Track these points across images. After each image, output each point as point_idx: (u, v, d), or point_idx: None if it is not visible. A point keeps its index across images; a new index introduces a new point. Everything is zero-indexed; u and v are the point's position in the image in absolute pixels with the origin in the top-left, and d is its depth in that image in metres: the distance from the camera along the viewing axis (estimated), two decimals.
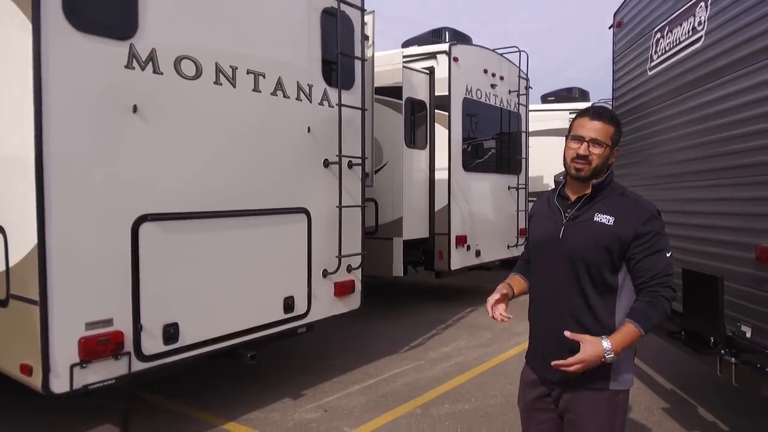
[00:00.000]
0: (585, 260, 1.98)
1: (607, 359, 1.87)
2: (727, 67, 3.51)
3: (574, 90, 13.28)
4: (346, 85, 4.68)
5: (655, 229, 1.95)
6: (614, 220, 1.96)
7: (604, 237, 1.95)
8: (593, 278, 1.97)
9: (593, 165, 1.99)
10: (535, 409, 2.17)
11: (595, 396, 1.99)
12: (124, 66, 3.18)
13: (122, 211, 3.20)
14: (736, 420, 3.99)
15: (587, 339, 1.89)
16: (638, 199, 2.05)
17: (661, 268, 1.93)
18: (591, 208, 2.02)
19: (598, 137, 1.98)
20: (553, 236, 2.05)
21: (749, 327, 3.19)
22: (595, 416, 2.00)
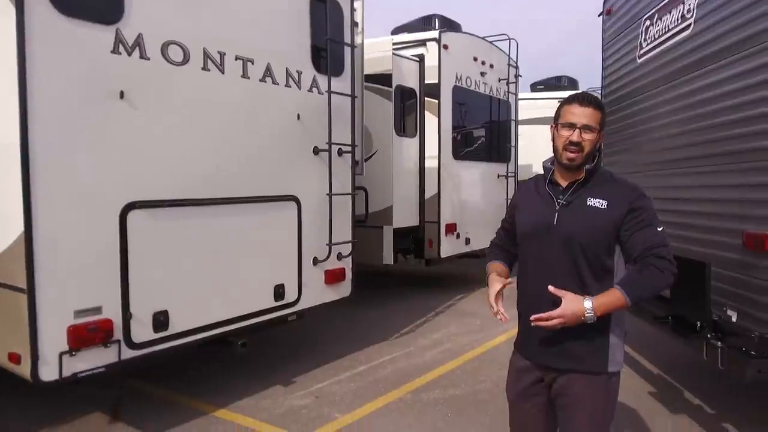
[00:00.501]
0: (581, 245, 1.98)
1: (587, 318, 1.87)
2: (715, 54, 3.53)
3: (563, 78, 13.31)
4: (335, 71, 4.64)
5: (646, 205, 1.98)
6: (607, 203, 1.98)
7: (599, 221, 1.97)
8: (590, 262, 1.98)
9: (586, 151, 1.99)
10: (527, 395, 2.17)
11: (591, 379, 2.00)
12: (110, 51, 3.13)
13: (110, 199, 3.16)
14: (722, 402, 4.06)
15: (569, 295, 1.90)
16: (626, 181, 2.09)
17: (655, 240, 1.92)
18: (583, 193, 2.03)
19: (590, 123, 1.99)
20: (547, 223, 2.04)
21: (735, 311, 3.25)
22: (590, 399, 2.01)
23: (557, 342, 2.01)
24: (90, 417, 3.85)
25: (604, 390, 2.02)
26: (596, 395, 2.01)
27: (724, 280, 3.34)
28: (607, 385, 2.03)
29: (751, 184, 3.16)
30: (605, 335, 2.00)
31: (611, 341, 2.00)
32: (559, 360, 2.03)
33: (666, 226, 4.19)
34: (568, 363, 2.01)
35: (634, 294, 1.88)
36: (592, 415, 2.02)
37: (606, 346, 1.99)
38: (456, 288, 8.26)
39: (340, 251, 4.80)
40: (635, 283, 1.90)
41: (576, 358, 1.99)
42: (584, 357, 1.99)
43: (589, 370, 2.00)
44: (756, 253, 3.07)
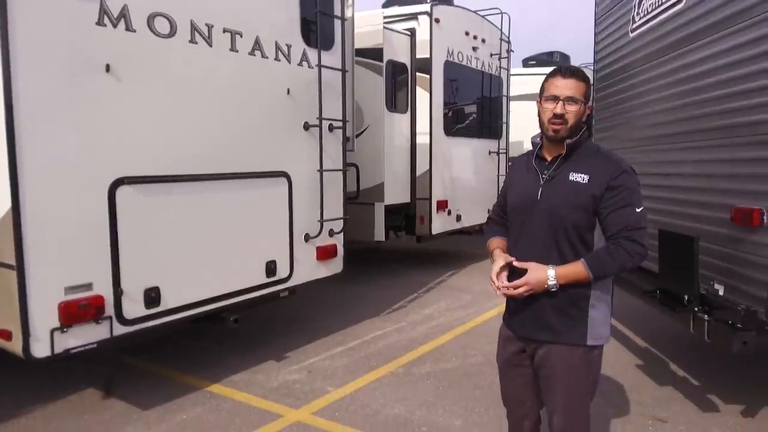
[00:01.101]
0: (562, 219, 2.00)
1: (550, 286, 1.93)
2: (707, 28, 3.52)
3: (555, 54, 13.22)
4: (325, 45, 4.58)
5: (626, 183, 1.96)
6: (588, 177, 1.98)
7: (579, 196, 1.98)
8: (570, 237, 2.00)
9: (570, 123, 2.00)
10: (512, 364, 2.24)
11: (571, 351, 2.04)
12: (95, 23, 3.06)
13: (98, 174, 3.12)
14: (707, 374, 4.15)
15: (532, 265, 1.96)
16: (612, 155, 2.07)
17: (629, 221, 1.93)
18: (567, 168, 2.03)
19: (574, 94, 1.99)
20: (532, 197, 2.07)
21: (722, 285, 3.30)
22: (569, 371, 2.05)
23: (537, 315, 2.06)
24: (84, 393, 3.87)
25: (584, 362, 2.05)
26: (575, 367, 2.05)
27: (712, 255, 3.38)
28: (587, 357, 2.05)
29: (741, 159, 3.18)
30: (584, 309, 2.02)
31: (591, 315, 2.03)
32: (539, 332, 2.07)
33: (655, 200, 4.25)
34: (546, 335, 2.06)
35: (597, 270, 1.92)
36: (571, 386, 2.06)
37: (585, 320, 2.02)
38: (447, 264, 8.31)
39: (332, 228, 4.80)
40: (601, 260, 1.93)
41: (554, 330, 2.03)
42: (562, 329, 2.02)
43: (567, 342, 2.03)
44: (744, 227, 3.10)
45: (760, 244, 2.98)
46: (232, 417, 3.53)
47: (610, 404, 3.69)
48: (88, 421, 3.47)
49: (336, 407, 3.68)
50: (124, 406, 3.68)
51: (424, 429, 3.40)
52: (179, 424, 3.44)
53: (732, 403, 3.69)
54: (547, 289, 1.94)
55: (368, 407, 3.67)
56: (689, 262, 3.29)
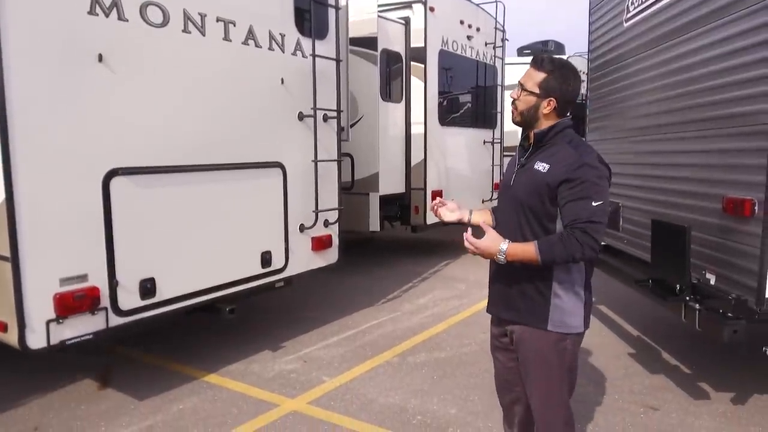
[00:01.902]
0: (524, 206, 2.08)
1: (498, 258, 1.98)
2: (701, 19, 3.52)
3: (550, 43, 13.19)
4: (319, 34, 4.55)
5: (585, 176, 1.94)
6: (548, 167, 2.01)
7: (537, 183, 2.03)
8: (531, 224, 2.07)
9: (519, 109, 2.09)
10: (498, 348, 2.35)
11: (536, 334, 2.11)
12: (87, 12, 3.02)
13: (92, 165, 3.11)
14: (698, 362, 4.20)
15: (492, 234, 2.01)
16: (579, 147, 2.03)
17: (583, 214, 1.92)
18: (536, 157, 2.09)
19: (525, 83, 2.07)
20: (508, 183, 2.19)
21: (713, 274, 3.33)
22: (536, 354, 2.13)
23: (505, 294, 2.18)
24: (80, 383, 3.88)
25: (553, 350, 2.10)
26: (543, 352, 2.11)
27: (704, 244, 3.42)
28: (561, 345, 2.10)
29: (733, 150, 3.20)
30: (545, 295, 2.08)
31: (554, 302, 2.07)
32: (506, 311, 2.19)
33: (649, 191, 4.27)
34: (512, 315, 2.16)
35: (546, 254, 1.94)
36: (540, 371, 2.14)
37: (546, 305, 2.07)
38: (442, 254, 8.34)
39: (327, 218, 4.80)
40: (551, 246, 1.95)
41: (517, 310, 2.14)
42: (525, 312, 2.12)
43: (529, 324, 2.11)
44: (735, 217, 3.13)
45: (751, 234, 3.01)
46: (229, 407, 3.55)
47: (602, 392, 3.74)
48: (84, 412, 3.48)
49: (331, 396, 3.71)
50: (120, 396, 3.69)
51: (419, 417, 3.43)
52: (176, 414, 3.46)
53: (722, 390, 3.75)
54: (496, 260, 2.00)
55: (364, 396, 3.70)
56: (681, 251, 3.32)
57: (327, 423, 3.36)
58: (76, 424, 3.33)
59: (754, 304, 2.97)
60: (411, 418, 3.42)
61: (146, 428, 3.29)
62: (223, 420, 3.38)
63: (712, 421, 3.36)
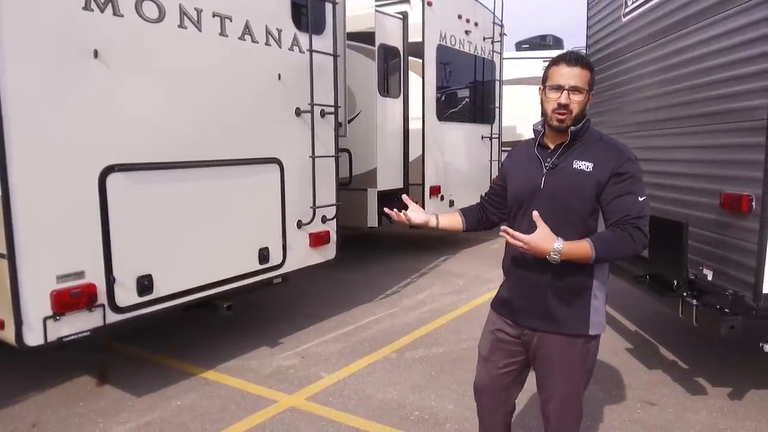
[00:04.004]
0: (567, 208, 1.97)
1: (551, 258, 1.85)
2: (699, 13, 3.51)
3: (548, 37, 13.17)
4: (316, 29, 4.53)
5: (631, 171, 1.94)
6: (593, 165, 1.95)
7: (584, 183, 1.95)
8: (575, 225, 1.97)
9: (574, 113, 1.96)
10: (501, 351, 2.20)
11: (571, 341, 2.03)
12: (82, 8, 3.00)
13: (87, 162, 3.09)
14: (695, 358, 4.21)
15: (546, 230, 1.87)
16: (615, 143, 2.04)
17: (633, 209, 1.90)
18: (570, 156, 2.00)
19: (578, 84, 1.94)
20: (535, 185, 2.04)
21: (711, 270, 3.34)
22: (568, 360, 2.05)
23: (540, 304, 2.04)
24: (78, 380, 3.88)
25: (583, 351, 2.05)
26: (575, 356, 2.05)
27: (701, 240, 3.42)
28: (586, 346, 2.06)
29: (731, 145, 3.20)
30: (587, 299, 2.01)
31: (593, 304, 2.02)
32: (540, 321, 2.05)
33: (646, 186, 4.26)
34: (548, 324, 2.04)
35: (601, 252, 1.87)
36: (569, 375, 2.07)
37: (587, 310, 2.01)
38: (440, 250, 8.34)
39: (324, 214, 4.79)
40: (607, 242, 1.88)
41: (557, 320, 2.02)
42: (566, 320, 2.01)
43: (569, 332, 2.02)
44: (733, 213, 3.13)
45: (748, 230, 3.01)
46: (227, 403, 3.55)
47: (600, 388, 3.75)
48: (82, 409, 3.48)
49: (329, 392, 3.71)
50: (118, 393, 3.69)
51: (417, 413, 3.44)
52: (174, 410, 3.46)
53: (719, 385, 3.76)
54: (547, 259, 1.87)
55: (362, 392, 3.71)
56: (678, 247, 3.32)
57: (325, 419, 3.36)
58: (73, 421, 3.33)
59: (751, 300, 2.97)
60: (409, 414, 3.43)
61: (144, 425, 3.29)
62: (221, 416, 3.39)
63: (709, 416, 3.37)
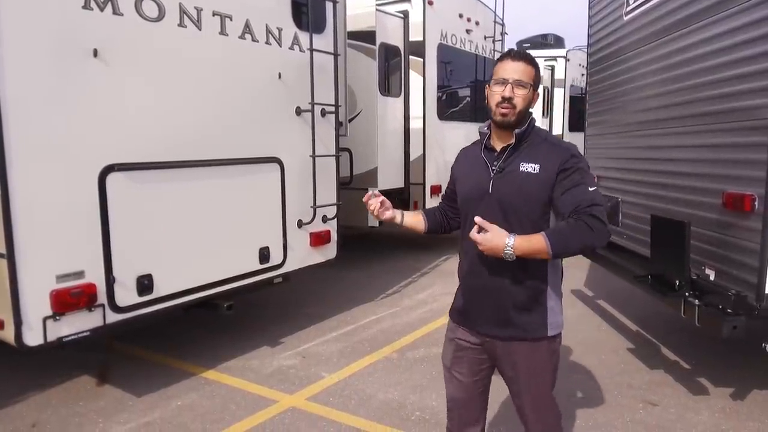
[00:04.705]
0: (516, 211, 1.94)
1: (506, 254, 1.80)
2: (701, 12, 3.49)
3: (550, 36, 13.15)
4: (317, 28, 4.52)
5: (576, 165, 1.90)
6: (539, 167, 1.92)
7: (532, 186, 1.91)
8: (525, 229, 1.90)
9: (518, 108, 1.93)
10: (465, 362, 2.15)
11: (533, 345, 2.00)
12: (81, 7, 2.99)
13: (87, 161, 3.09)
14: (698, 358, 4.20)
15: (495, 228, 1.83)
16: (560, 142, 2.02)
17: (585, 198, 1.84)
18: (517, 158, 1.97)
19: (522, 78, 1.91)
20: (483, 190, 2.00)
21: (713, 270, 3.32)
22: (533, 364, 2.02)
23: (498, 311, 2.01)
24: (78, 380, 3.87)
25: (546, 353, 2.02)
26: (539, 359, 2.02)
27: (704, 240, 3.40)
28: (549, 348, 2.03)
29: (733, 145, 3.18)
30: (543, 301, 1.99)
31: (549, 306, 2.00)
32: (499, 328, 2.02)
33: (648, 185, 4.25)
34: (509, 331, 2.00)
35: (557, 245, 1.80)
36: (537, 377, 2.03)
37: (545, 312, 1.99)
38: (441, 249, 8.32)
39: (325, 214, 4.78)
40: (562, 234, 1.82)
41: (517, 326, 1.99)
42: (525, 325, 1.99)
43: (530, 337, 1.99)
44: (735, 212, 3.12)
45: (751, 230, 3.00)
46: (227, 403, 3.54)
47: (600, 388, 3.73)
48: (82, 408, 3.47)
49: (330, 392, 3.70)
50: (118, 393, 3.68)
51: (418, 413, 3.43)
52: (174, 410, 3.45)
53: (722, 386, 3.75)
54: (503, 257, 1.82)
55: (362, 392, 3.70)
56: (680, 247, 3.31)
57: (325, 419, 3.35)
58: (73, 421, 3.33)
59: (754, 300, 2.96)
60: (410, 414, 3.42)
61: (144, 425, 3.28)
62: (221, 416, 3.38)
63: (711, 416, 3.36)
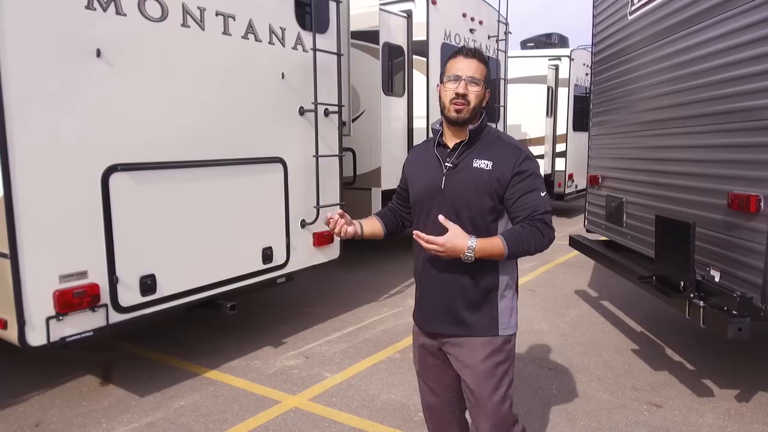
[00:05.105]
0: (468, 208, 1.95)
1: (465, 257, 1.82)
2: (707, 11, 3.47)
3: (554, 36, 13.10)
4: (320, 28, 4.51)
5: (531, 168, 1.94)
6: (492, 164, 1.93)
7: (484, 182, 1.93)
8: (477, 226, 1.94)
9: (472, 104, 1.93)
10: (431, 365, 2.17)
11: (484, 343, 2.00)
12: (84, 7, 2.99)
13: (90, 161, 3.09)
14: (702, 359, 4.18)
15: (457, 229, 1.84)
16: (512, 141, 2.03)
17: (538, 204, 1.90)
18: (470, 155, 1.98)
19: (475, 75, 1.93)
20: (436, 187, 2.00)
21: (718, 271, 3.30)
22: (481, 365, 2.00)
23: (450, 309, 2.02)
24: (82, 380, 3.88)
25: (496, 353, 2.01)
26: (488, 359, 2.00)
27: (709, 241, 3.38)
28: (500, 348, 2.01)
29: (739, 145, 3.16)
30: (494, 300, 2.00)
31: (501, 306, 2.00)
32: (451, 326, 2.03)
33: (653, 186, 4.22)
34: (459, 329, 2.02)
35: (513, 247, 1.85)
36: (486, 379, 2.00)
37: (495, 311, 2.00)
38: None
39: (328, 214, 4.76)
40: (519, 237, 1.86)
41: (466, 324, 2.00)
42: (474, 323, 1.99)
43: (480, 335, 2.00)
44: (741, 213, 3.10)
45: (756, 231, 2.98)
46: (230, 403, 3.54)
47: (604, 389, 3.72)
48: (86, 408, 3.48)
49: (333, 393, 3.69)
50: (122, 392, 3.69)
51: (421, 414, 3.41)
52: (177, 410, 3.45)
53: (727, 387, 3.72)
54: (461, 259, 1.83)
55: (365, 393, 3.69)
56: (685, 248, 3.28)
57: (328, 420, 3.34)
58: (77, 421, 3.33)
59: (760, 302, 2.94)
60: (413, 415, 3.41)
61: (147, 425, 3.28)
62: (224, 417, 3.38)
63: (716, 418, 3.34)
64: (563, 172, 11.36)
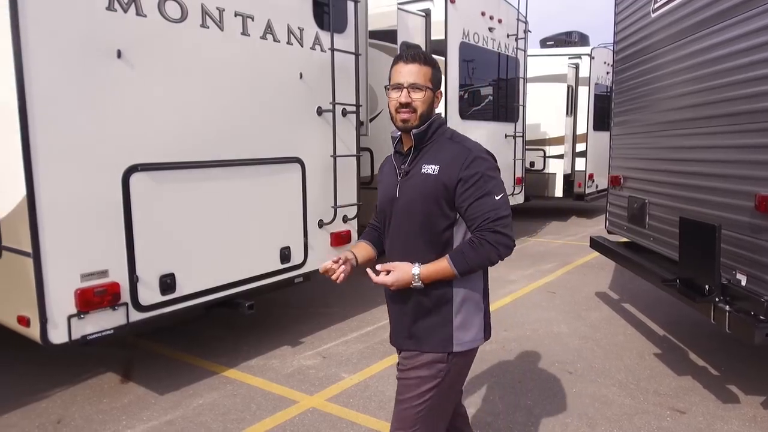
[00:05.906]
0: (419, 215, 1.89)
1: (415, 284, 1.83)
2: (732, 8, 3.38)
3: (574, 34, 12.93)
4: (338, 28, 4.51)
5: (480, 170, 1.82)
6: (438, 168, 1.85)
7: (430, 187, 1.85)
8: (429, 234, 1.88)
9: (419, 111, 1.86)
10: None
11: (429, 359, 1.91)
12: (105, 8, 3.03)
13: (111, 161, 3.12)
14: (727, 365, 4.08)
15: (398, 265, 1.85)
16: (463, 141, 1.92)
17: (490, 212, 1.79)
18: (420, 160, 1.90)
19: (417, 81, 1.85)
20: (392, 196, 1.96)
21: (745, 275, 3.21)
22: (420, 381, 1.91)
23: (401, 322, 1.98)
24: (102, 377, 3.93)
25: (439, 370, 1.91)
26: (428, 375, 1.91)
27: (735, 243, 3.30)
28: (446, 365, 1.91)
29: (765, 146, 3.07)
30: (447, 315, 1.91)
31: (457, 322, 1.91)
32: (404, 340, 1.98)
33: (676, 187, 4.14)
34: (410, 343, 1.96)
35: (461, 265, 1.81)
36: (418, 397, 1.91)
37: (448, 326, 1.91)
38: None
39: (346, 214, 4.77)
40: (465, 255, 1.81)
41: (416, 338, 1.94)
42: (424, 337, 1.92)
43: (429, 350, 1.91)
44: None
45: None
46: (248, 402, 3.56)
47: (626, 393, 3.65)
48: (107, 405, 3.52)
49: (350, 393, 3.69)
50: (141, 390, 3.73)
51: None
52: (195, 408, 3.47)
53: (753, 394, 3.63)
54: (413, 288, 1.84)
55: (382, 394, 3.67)
56: (710, 250, 3.21)
57: (345, 420, 3.34)
58: (97, 418, 3.37)
59: None
60: None
61: (166, 423, 3.31)
62: (242, 416, 3.39)
63: (741, 425, 3.26)
64: (583, 172, 11.22)
